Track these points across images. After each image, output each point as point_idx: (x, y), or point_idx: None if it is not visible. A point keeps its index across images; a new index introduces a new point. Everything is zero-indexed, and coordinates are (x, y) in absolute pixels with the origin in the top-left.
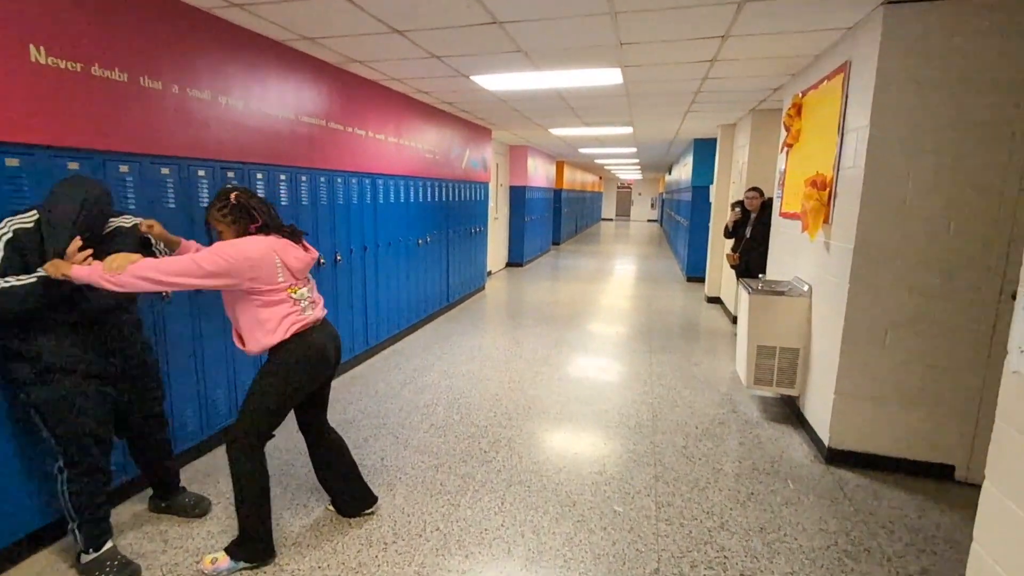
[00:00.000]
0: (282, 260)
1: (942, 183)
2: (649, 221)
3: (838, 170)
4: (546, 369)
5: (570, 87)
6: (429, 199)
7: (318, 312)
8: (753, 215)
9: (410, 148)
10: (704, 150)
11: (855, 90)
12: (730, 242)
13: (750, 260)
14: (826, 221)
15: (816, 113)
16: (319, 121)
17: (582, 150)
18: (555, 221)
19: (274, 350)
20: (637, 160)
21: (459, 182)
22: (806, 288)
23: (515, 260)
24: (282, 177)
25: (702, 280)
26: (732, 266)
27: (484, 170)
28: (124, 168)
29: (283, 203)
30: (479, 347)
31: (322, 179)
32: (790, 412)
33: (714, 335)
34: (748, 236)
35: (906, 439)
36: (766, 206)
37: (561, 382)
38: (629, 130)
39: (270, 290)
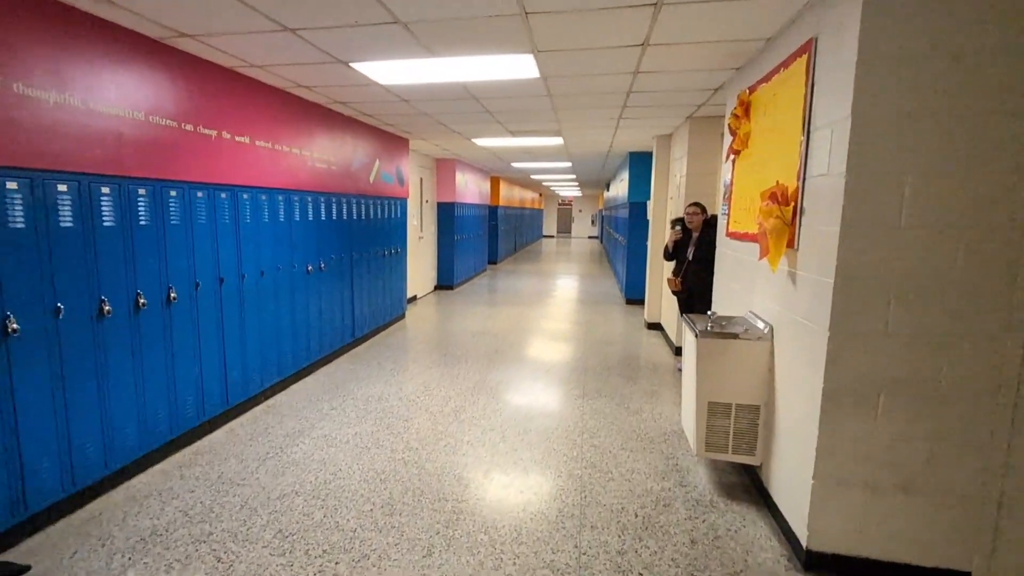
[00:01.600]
0: None
1: (951, 193)
2: (590, 238)
3: (804, 179)
4: (455, 428)
5: (479, 81)
6: (324, 217)
7: None
8: (695, 234)
9: (294, 156)
10: (640, 164)
11: (825, 73)
12: (671, 265)
13: (693, 286)
14: (791, 245)
15: (770, 110)
16: (135, 114)
17: (515, 164)
18: (491, 239)
19: None
20: (574, 175)
21: (367, 198)
22: (765, 329)
23: (445, 283)
24: (61, 188)
25: (642, 302)
26: (674, 292)
27: (401, 185)
28: None
29: (66, 223)
30: (379, 397)
31: (141, 191)
32: (749, 483)
33: (655, 371)
34: (690, 259)
35: (908, 538)
36: (710, 224)
37: (471, 447)
38: (559, 141)
39: None
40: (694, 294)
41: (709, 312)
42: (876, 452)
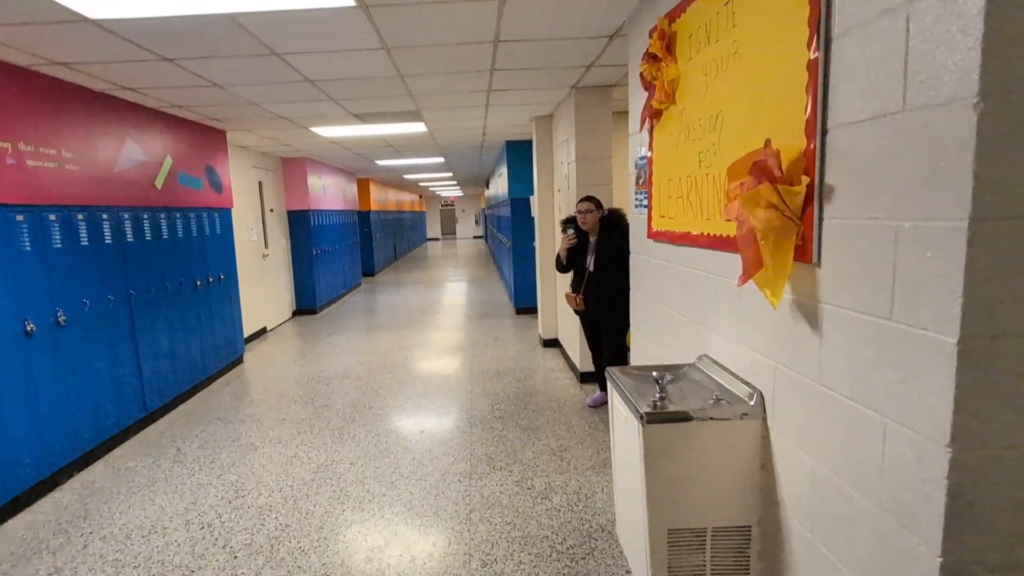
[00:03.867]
0: None
1: None
2: (475, 238)
3: (822, 132)
4: None
5: (260, 11)
6: (60, 243)
7: None
8: (593, 238)
9: None
10: (519, 154)
11: None
12: (567, 277)
13: (599, 304)
14: (804, 257)
15: (718, 33)
16: None
17: (381, 163)
18: (365, 249)
19: None
20: (450, 173)
21: (154, 210)
22: (750, 398)
23: (306, 306)
24: None
25: (534, 311)
26: (576, 311)
27: (218, 190)
28: None
29: None
30: (152, 526)
31: None
32: None
33: (560, 412)
34: (591, 269)
35: None
36: (611, 222)
37: None
38: (422, 128)
39: None
40: (601, 315)
41: (656, 373)
42: None
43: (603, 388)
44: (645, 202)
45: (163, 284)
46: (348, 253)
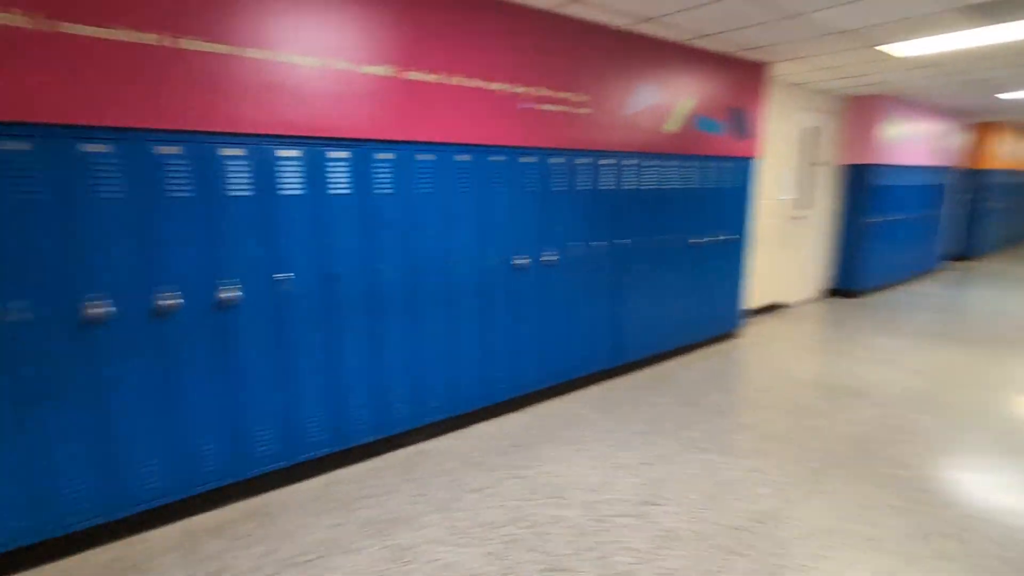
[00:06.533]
0: None
1: None
2: None
3: None
4: None
5: None
6: (557, 187)
7: None
8: None
9: (480, 94)
10: None
11: None
12: None
13: None
14: None
15: None
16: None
17: (1005, 96)
18: (971, 222)
19: None
20: None
21: (659, 158)
22: None
23: (845, 285)
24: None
25: None
26: None
27: (740, 135)
28: None
29: None
30: (597, 485)
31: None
32: None
33: None
34: None
35: None
36: None
37: None
38: None
39: None
40: None
41: None
42: None
43: None
44: None
45: (651, 238)
46: (924, 225)
